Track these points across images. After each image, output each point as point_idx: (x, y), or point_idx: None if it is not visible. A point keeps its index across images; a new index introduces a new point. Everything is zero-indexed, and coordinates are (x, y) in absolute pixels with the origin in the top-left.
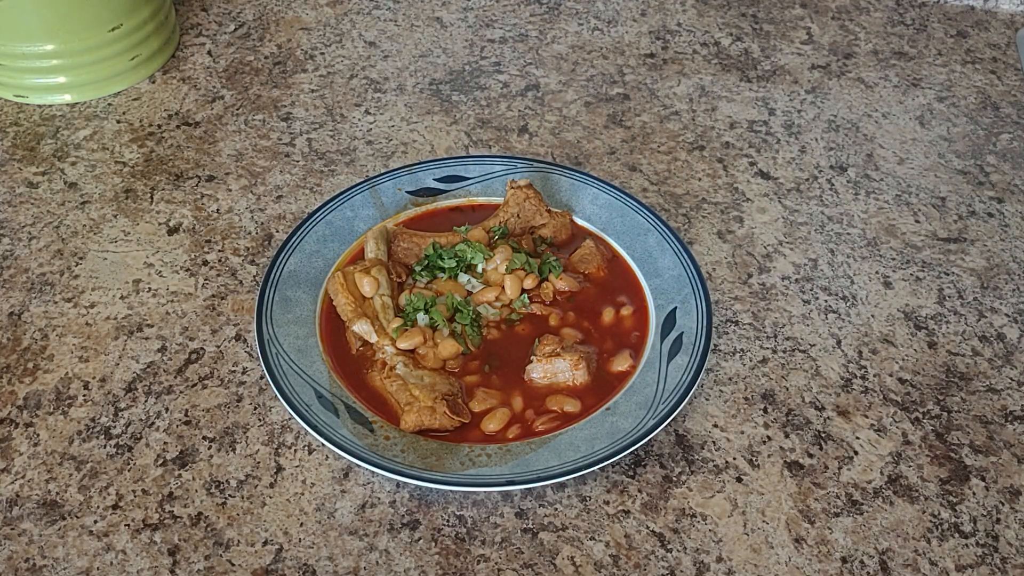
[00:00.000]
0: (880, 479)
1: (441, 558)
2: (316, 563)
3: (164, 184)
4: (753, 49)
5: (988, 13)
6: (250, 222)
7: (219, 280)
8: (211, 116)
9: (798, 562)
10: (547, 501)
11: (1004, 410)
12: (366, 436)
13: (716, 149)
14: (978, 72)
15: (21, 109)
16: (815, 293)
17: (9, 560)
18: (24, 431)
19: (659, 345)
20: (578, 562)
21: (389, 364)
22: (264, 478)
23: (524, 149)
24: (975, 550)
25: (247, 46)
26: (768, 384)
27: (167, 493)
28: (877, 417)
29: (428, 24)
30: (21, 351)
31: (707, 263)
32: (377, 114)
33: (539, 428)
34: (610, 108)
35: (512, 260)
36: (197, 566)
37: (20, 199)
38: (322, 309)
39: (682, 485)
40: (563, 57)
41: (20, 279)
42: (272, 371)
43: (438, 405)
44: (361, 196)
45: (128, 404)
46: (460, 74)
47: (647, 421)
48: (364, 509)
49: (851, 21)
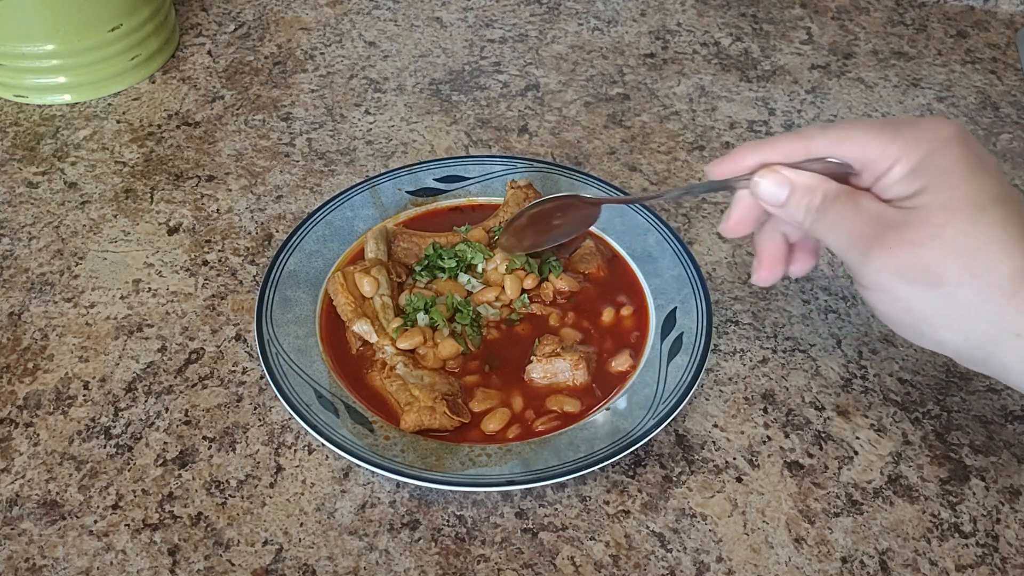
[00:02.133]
0: (880, 479)
1: (441, 558)
2: (316, 563)
3: (164, 184)
4: (753, 49)
5: (988, 13)
6: (250, 222)
7: (219, 280)
8: (211, 116)
9: (798, 562)
10: (547, 501)
11: (1004, 410)
12: (366, 436)
13: (716, 149)
14: (978, 72)
15: (21, 109)
16: (815, 293)
17: (9, 560)
18: (24, 431)
19: (659, 345)
20: (578, 562)
21: (389, 364)
22: (264, 478)
23: (524, 149)
24: (975, 550)
25: (247, 46)
26: (768, 384)
27: (167, 493)
28: (877, 417)
29: (428, 24)
30: (21, 351)
31: (707, 263)
32: (377, 114)
33: (539, 428)
34: (610, 108)
35: (512, 260)
36: (197, 566)
37: (20, 199)
38: (322, 309)
39: (682, 485)
40: (563, 57)
41: (20, 279)
42: (272, 371)
43: (438, 405)
44: (361, 196)
45: (128, 404)
46: (460, 74)
47: (647, 421)
48: (364, 509)
49: (851, 21)
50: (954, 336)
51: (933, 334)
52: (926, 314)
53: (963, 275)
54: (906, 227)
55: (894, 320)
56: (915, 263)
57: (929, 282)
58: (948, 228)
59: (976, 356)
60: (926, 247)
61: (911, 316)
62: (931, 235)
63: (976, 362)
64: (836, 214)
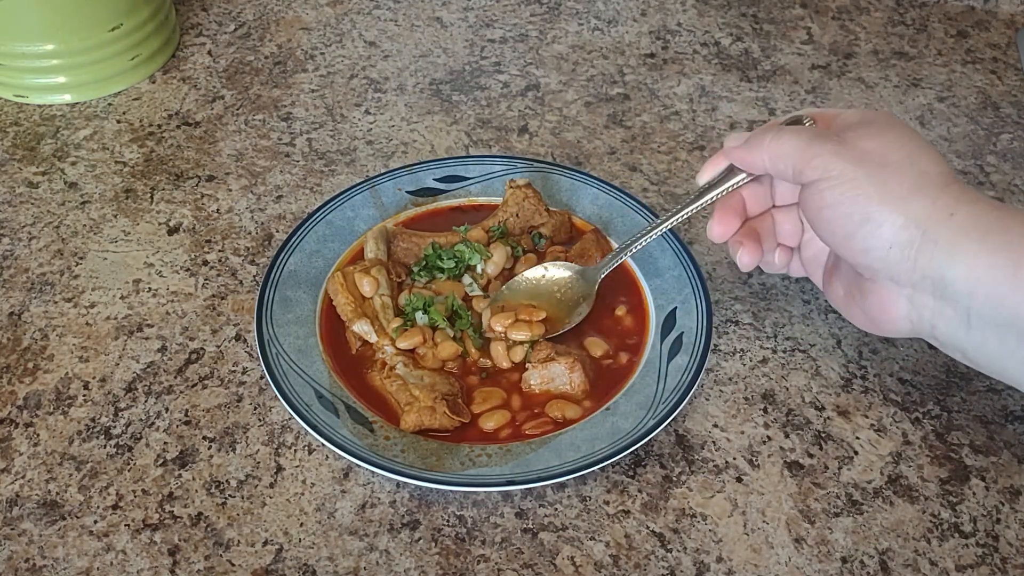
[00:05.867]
0: (880, 479)
1: (441, 558)
2: (316, 563)
3: (164, 184)
4: (753, 49)
5: (988, 13)
6: (250, 222)
7: (219, 280)
8: (211, 116)
9: (798, 562)
10: (547, 501)
11: (1004, 410)
12: (366, 436)
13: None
14: (978, 72)
15: (21, 109)
16: (815, 293)
17: (9, 560)
18: (24, 431)
19: (659, 345)
20: (578, 562)
21: (389, 364)
22: (264, 478)
23: (524, 149)
24: (975, 550)
25: (247, 46)
26: (768, 384)
27: (167, 493)
28: (877, 417)
29: (428, 24)
30: (21, 351)
31: (707, 263)
32: (377, 114)
33: (539, 431)
34: (610, 108)
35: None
36: (197, 566)
37: (20, 199)
38: (322, 309)
39: (682, 485)
40: (563, 57)
41: (20, 279)
42: (272, 371)
43: (438, 405)
44: (361, 196)
45: (128, 404)
46: (460, 74)
47: (647, 421)
48: (364, 509)
49: (851, 21)
50: (893, 216)
51: (872, 219)
52: (869, 193)
53: (904, 161)
54: (850, 131)
55: (829, 217)
56: (861, 148)
57: (876, 162)
58: (889, 133)
59: (903, 239)
60: (872, 139)
61: (850, 204)
62: (875, 135)
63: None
64: (790, 132)
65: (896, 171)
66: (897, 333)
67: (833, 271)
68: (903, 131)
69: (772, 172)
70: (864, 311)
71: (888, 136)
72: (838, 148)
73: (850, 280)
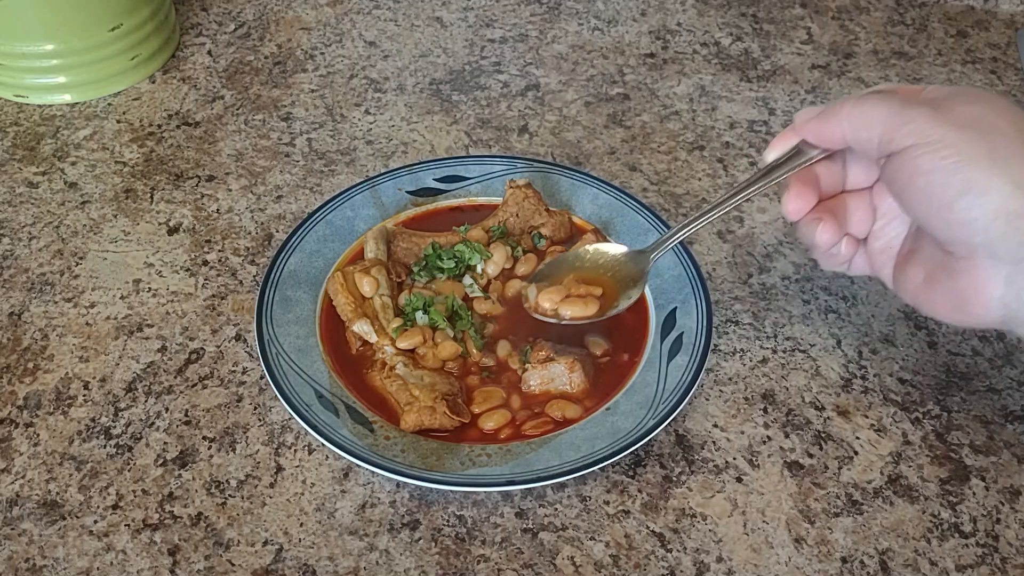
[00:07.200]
0: (880, 479)
1: (441, 558)
2: (316, 563)
3: (164, 184)
4: (753, 49)
5: (988, 13)
6: (250, 222)
7: (219, 280)
8: (211, 116)
9: (798, 562)
10: (547, 501)
11: (1004, 410)
12: (366, 436)
13: (716, 149)
14: (978, 72)
15: (21, 109)
16: (815, 293)
17: (9, 560)
18: (24, 431)
19: (659, 345)
20: (578, 562)
21: (389, 364)
22: (264, 478)
23: (524, 149)
24: (975, 550)
25: (247, 46)
26: (768, 384)
27: (167, 493)
28: (877, 417)
29: (428, 24)
30: (21, 351)
31: (707, 263)
32: (377, 114)
33: (538, 431)
34: (610, 108)
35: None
36: (197, 566)
37: (20, 199)
38: (322, 309)
39: (682, 485)
40: (563, 57)
41: (20, 279)
42: (272, 371)
43: (438, 405)
44: (361, 196)
45: (128, 404)
46: (460, 74)
47: (647, 421)
48: (364, 509)
49: (851, 21)
50: (1001, 183)
51: (976, 186)
52: (975, 157)
53: (1010, 128)
54: (945, 99)
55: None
56: (959, 112)
57: (979, 127)
58: (988, 101)
59: (1012, 209)
60: (971, 105)
61: (950, 171)
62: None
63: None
64: (876, 98)
65: (1002, 136)
66: (984, 321)
67: (909, 257)
68: (1002, 100)
69: (853, 143)
70: (951, 296)
71: (987, 103)
72: (934, 113)
73: (934, 262)
